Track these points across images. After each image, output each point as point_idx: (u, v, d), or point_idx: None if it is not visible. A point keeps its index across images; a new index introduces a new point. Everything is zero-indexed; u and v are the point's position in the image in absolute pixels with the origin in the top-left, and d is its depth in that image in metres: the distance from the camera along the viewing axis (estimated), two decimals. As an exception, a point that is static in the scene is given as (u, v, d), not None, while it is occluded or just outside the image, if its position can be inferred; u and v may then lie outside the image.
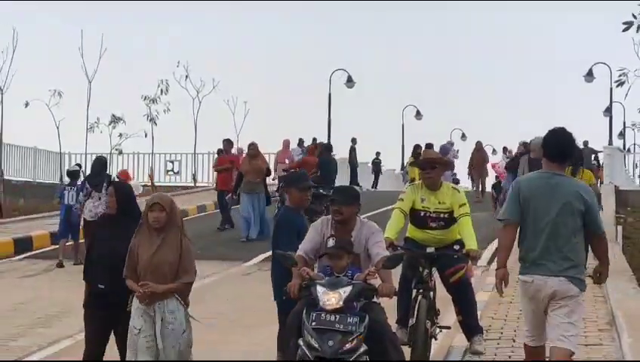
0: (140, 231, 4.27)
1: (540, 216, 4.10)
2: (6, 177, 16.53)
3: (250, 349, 5.93)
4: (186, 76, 20.68)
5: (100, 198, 9.70)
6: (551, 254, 4.07)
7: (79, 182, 10.77)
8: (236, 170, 13.47)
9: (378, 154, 26.88)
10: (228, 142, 15.11)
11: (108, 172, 11.99)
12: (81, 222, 10.30)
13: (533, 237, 4.13)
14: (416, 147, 15.61)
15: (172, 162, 17.96)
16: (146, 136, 19.28)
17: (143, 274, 4.19)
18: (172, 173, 16.59)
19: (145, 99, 19.79)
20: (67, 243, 10.62)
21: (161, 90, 19.97)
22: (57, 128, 17.80)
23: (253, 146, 13.00)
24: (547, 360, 4.20)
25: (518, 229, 4.21)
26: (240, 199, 12.71)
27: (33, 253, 11.63)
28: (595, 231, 4.18)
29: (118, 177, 12.79)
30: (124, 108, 19.65)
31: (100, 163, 11.08)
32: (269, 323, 5.28)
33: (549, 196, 4.12)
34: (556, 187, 4.13)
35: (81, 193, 10.29)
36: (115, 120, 18.79)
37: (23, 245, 11.79)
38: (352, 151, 22.63)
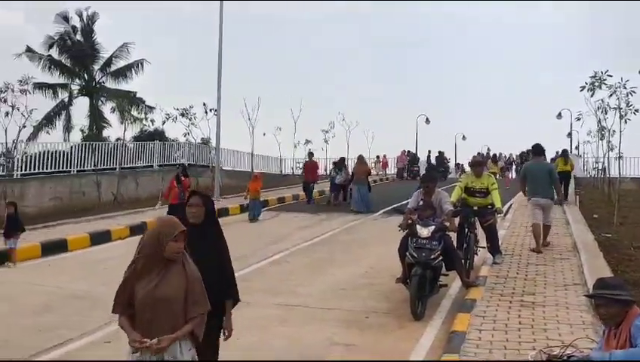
0: (139, 258, 3.45)
1: (535, 176, 10.09)
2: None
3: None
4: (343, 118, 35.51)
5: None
6: (540, 190, 10.15)
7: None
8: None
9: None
10: (310, 154, 24.40)
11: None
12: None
13: (533, 184, 10.15)
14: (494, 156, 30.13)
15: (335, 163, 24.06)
16: (323, 149, 33.77)
17: (142, 310, 3.37)
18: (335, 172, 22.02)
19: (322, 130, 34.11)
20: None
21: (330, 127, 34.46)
22: (279, 145, 31.43)
23: (360, 157, 20.09)
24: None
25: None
26: (352, 188, 19.31)
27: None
28: (554, 181, 10.30)
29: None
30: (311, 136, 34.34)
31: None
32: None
33: (538, 168, 10.13)
34: (540, 165, 10.18)
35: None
36: (307, 141, 32.46)
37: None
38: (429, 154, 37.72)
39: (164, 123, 25.65)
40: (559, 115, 37.81)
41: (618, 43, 73.80)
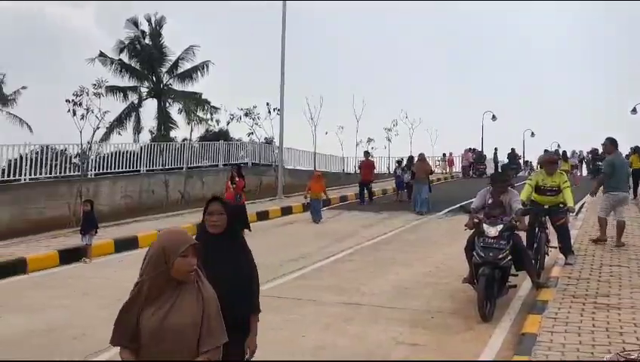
0: (144, 281, 2.82)
1: (619, 171, 10.42)
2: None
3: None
4: (406, 116, 34.52)
5: None
6: (622, 185, 10.46)
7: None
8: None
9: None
10: (366, 153, 24.04)
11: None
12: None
13: (615, 179, 10.27)
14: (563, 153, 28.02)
15: (399, 162, 24.23)
16: (385, 147, 33.27)
17: (148, 344, 2.79)
18: (401, 170, 22.33)
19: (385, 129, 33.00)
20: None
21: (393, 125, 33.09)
22: (341, 144, 30.95)
23: (421, 155, 19.58)
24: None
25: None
26: (413, 187, 18.93)
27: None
28: (628, 177, 11.11)
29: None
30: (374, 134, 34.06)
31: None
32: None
33: (621, 163, 10.56)
34: (623, 159, 10.84)
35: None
36: (370, 140, 31.50)
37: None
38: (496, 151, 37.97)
39: (228, 123, 26.21)
40: (634, 110, 36.13)
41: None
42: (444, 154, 37.54)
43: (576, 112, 75.44)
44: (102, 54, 33.14)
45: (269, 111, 23.78)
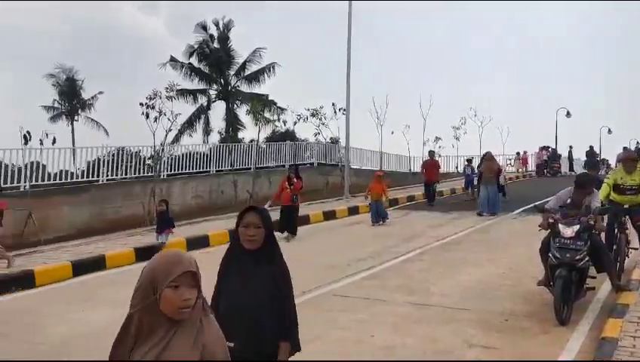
0: (134, 313, 2.19)
1: None
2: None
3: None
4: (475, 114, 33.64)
5: None
6: None
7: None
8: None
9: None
10: (430, 153, 22.95)
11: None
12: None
13: None
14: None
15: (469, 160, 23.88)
16: (453, 146, 32.64)
17: None
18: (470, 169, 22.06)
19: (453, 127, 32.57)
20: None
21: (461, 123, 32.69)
22: (407, 143, 30.23)
23: (488, 154, 18.85)
24: None
25: None
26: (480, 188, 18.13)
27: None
28: None
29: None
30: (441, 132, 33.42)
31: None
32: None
33: None
34: None
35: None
36: (437, 139, 30.78)
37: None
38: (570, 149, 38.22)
39: (295, 124, 26.45)
40: None
41: None
42: (517, 153, 36.50)
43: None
44: (173, 59, 34.20)
45: (335, 112, 23.86)
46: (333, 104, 24.11)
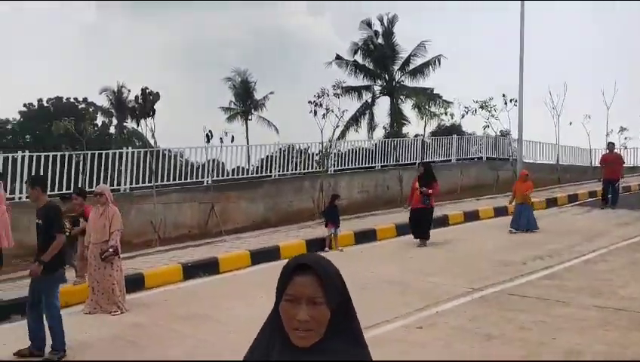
0: None
1: None
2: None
3: None
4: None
5: None
6: None
7: None
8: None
9: None
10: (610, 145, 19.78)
11: None
12: None
13: None
14: None
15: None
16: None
17: None
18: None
19: None
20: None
21: None
22: (587, 135, 26.85)
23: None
24: None
25: None
26: None
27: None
28: None
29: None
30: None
31: None
32: None
33: None
34: None
35: None
36: (622, 129, 27.09)
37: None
38: None
39: (462, 117, 25.62)
40: None
41: None
42: None
43: None
44: (338, 57, 35.02)
45: (506, 103, 22.75)
46: (503, 95, 23.02)
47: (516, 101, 21.32)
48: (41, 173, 12.74)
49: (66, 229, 7.61)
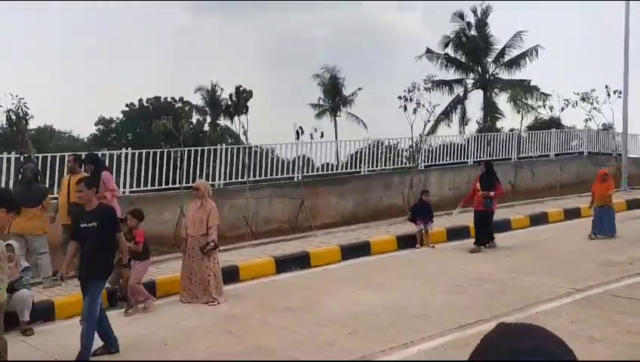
0: None
1: None
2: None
3: None
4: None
5: None
6: None
7: None
8: None
9: None
10: None
11: None
12: None
13: None
14: None
15: None
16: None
17: None
18: None
19: None
20: None
21: None
22: None
23: None
24: None
25: None
26: None
27: None
28: None
29: None
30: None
31: None
32: None
33: None
34: None
35: None
36: None
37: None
38: None
39: (562, 110, 24.44)
40: None
41: None
42: None
43: None
44: (429, 51, 34.39)
45: (609, 94, 21.46)
46: (606, 86, 21.73)
47: (620, 92, 20.08)
48: (142, 170, 13.43)
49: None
